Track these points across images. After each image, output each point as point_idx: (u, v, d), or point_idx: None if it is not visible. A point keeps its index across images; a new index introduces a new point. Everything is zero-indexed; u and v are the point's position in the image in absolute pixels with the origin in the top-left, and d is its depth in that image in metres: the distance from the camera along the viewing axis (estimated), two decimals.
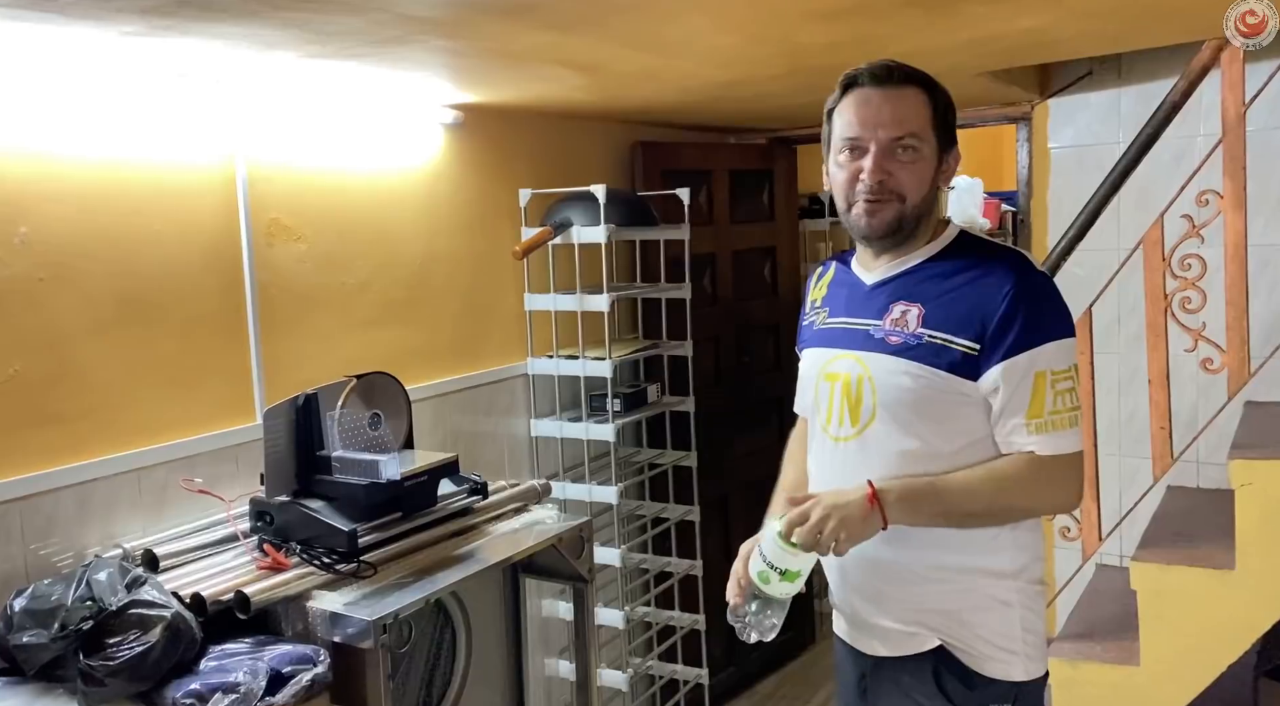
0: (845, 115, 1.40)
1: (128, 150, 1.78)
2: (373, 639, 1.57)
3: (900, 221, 1.39)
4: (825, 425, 1.46)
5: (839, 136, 1.41)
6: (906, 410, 1.37)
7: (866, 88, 1.38)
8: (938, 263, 1.41)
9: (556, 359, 2.72)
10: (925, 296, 1.39)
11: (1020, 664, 1.41)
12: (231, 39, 1.50)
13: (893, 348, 1.37)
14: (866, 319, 1.43)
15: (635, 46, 1.75)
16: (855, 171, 1.38)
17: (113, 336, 1.76)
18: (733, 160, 3.48)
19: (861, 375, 1.40)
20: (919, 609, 1.41)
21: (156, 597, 1.48)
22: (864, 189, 1.38)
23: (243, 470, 1.94)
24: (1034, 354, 1.32)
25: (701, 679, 2.99)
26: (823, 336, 1.50)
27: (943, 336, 1.35)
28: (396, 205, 2.35)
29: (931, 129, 1.39)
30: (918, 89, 1.38)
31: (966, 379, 1.34)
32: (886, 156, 1.36)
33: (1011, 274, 1.35)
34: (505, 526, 2.03)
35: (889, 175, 1.36)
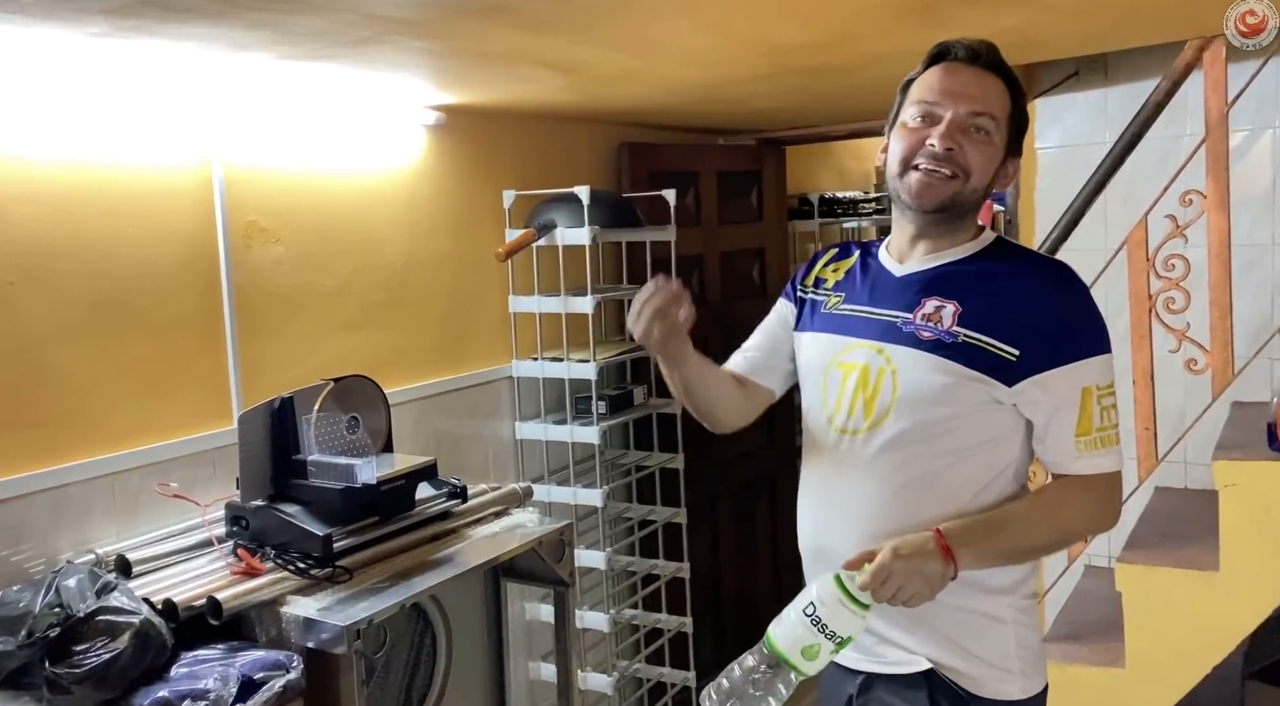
0: (927, 82, 1.34)
1: (103, 152, 1.77)
2: (346, 644, 1.56)
3: (955, 200, 1.32)
4: (832, 416, 1.39)
5: (914, 99, 1.35)
6: (928, 407, 1.31)
7: (957, 62, 1.34)
8: (976, 262, 1.36)
9: (541, 361, 2.71)
10: (963, 295, 1.33)
11: (1016, 682, 1.36)
12: (201, 40, 1.48)
13: (925, 343, 1.31)
14: (893, 310, 1.36)
15: (612, 47, 1.74)
16: (922, 136, 1.32)
17: (87, 340, 1.75)
18: (721, 161, 3.47)
19: (883, 368, 1.33)
20: (911, 627, 1.35)
21: (125, 604, 1.47)
22: (928, 154, 1.31)
23: (220, 474, 1.92)
24: (1079, 367, 1.28)
25: (689, 682, 2.98)
26: (835, 322, 1.43)
27: (980, 338, 1.29)
28: (378, 206, 2.33)
29: (1006, 122, 1.34)
30: (1003, 82, 1.35)
31: (1001, 383, 1.29)
32: (960, 129, 1.31)
33: (1056, 283, 1.32)
34: (485, 530, 2.02)
35: (958, 147, 1.30)
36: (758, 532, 3.71)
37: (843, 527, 1.39)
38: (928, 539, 1.25)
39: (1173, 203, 2.25)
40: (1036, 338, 1.28)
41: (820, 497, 1.44)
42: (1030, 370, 1.28)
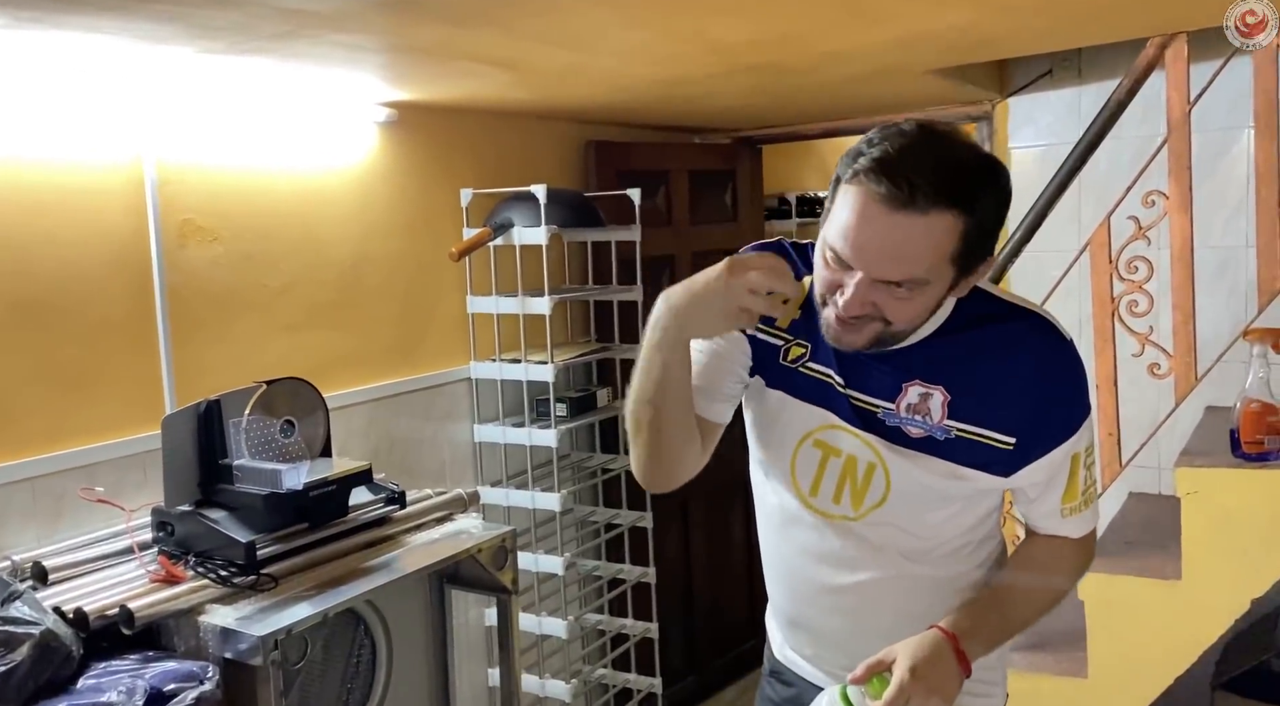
0: (841, 216, 1.08)
1: (27, 149, 1.73)
2: (262, 655, 1.52)
3: (880, 337, 1.14)
4: (808, 496, 1.27)
5: (827, 234, 1.11)
6: (924, 506, 1.24)
7: (877, 194, 1.04)
8: (953, 334, 1.19)
9: (499, 362, 2.67)
10: (946, 378, 1.18)
11: (999, 695, 1.38)
12: (111, 33, 1.44)
13: (915, 441, 1.20)
14: (872, 397, 1.21)
15: (543, 41, 1.69)
16: (835, 284, 1.11)
17: (7, 341, 1.71)
18: (692, 160, 3.43)
19: (874, 463, 1.22)
20: None
21: (27, 614, 1.42)
22: (839, 313, 1.12)
23: (151, 479, 1.88)
24: (1073, 441, 1.21)
25: (655, 688, 2.93)
26: (806, 388, 1.24)
27: (973, 430, 1.18)
28: (326, 205, 2.29)
29: (950, 261, 1.08)
30: (949, 212, 1.05)
31: (998, 476, 1.21)
32: (873, 289, 1.08)
33: (1040, 348, 1.18)
34: (424, 536, 1.97)
35: (872, 305, 1.10)
36: (732, 537, 3.66)
37: (824, 609, 1.33)
38: (943, 647, 1.14)
39: (1136, 204, 2.19)
40: (1031, 421, 1.18)
41: (800, 576, 1.34)
42: (1027, 458, 1.20)
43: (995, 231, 1.12)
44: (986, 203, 1.08)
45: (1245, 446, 2.06)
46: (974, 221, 1.07)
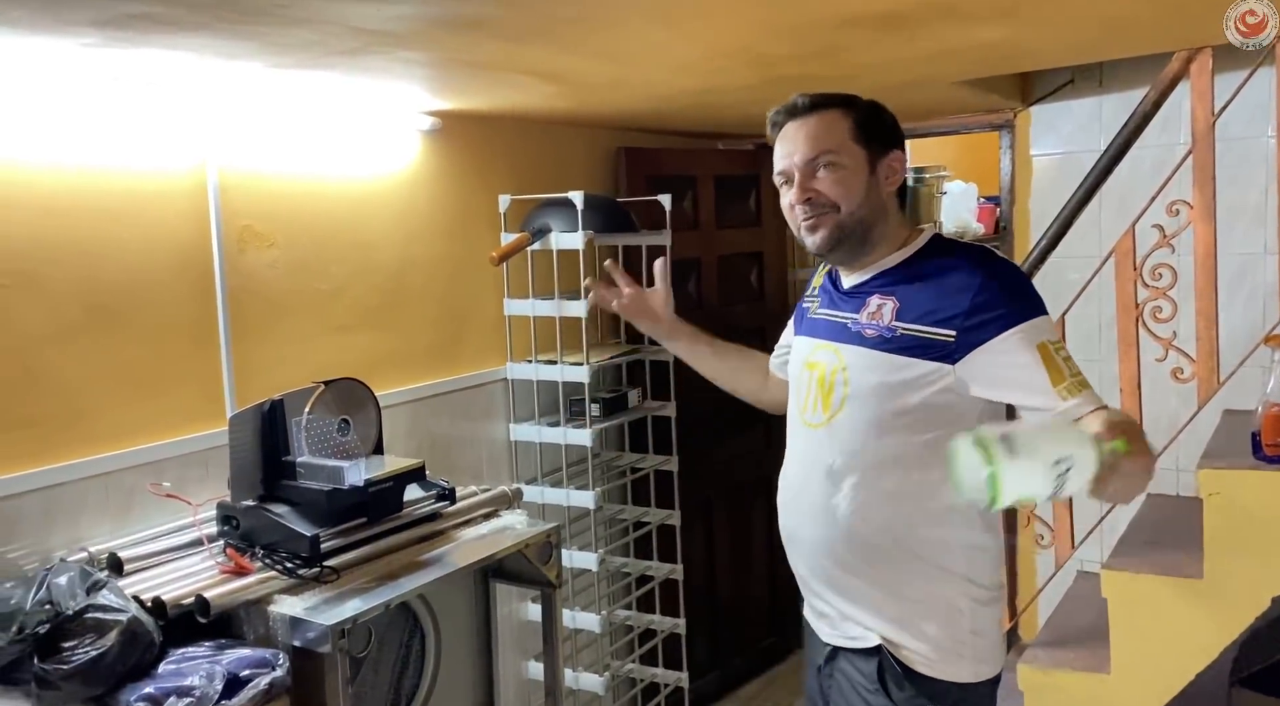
0: (776, 153, 1.51)
1: (98, 157, 1.80)
2: (331, 643, 1.59)
3: (841, 231, 1.46)
4: (801, 411, 1.54)
5: (774, 174, 1.53)
6: (875, 401, 1.42)
7: (784, 123, 1.50)
8: (911, 264, 1.48)
9: (535, 364, 2.74)
10: (900, 292, 1.45)
11: (967, 666, 1.45)
12: (192, 49, 1.51)
13: (869, 340, 1.44)
14: (845, 312, 1.51)
15: (597, 57, 1.77)
16: (789, 201, 1.49)
17: (80, 342, 1.79)
18: (718, 166, 3.49)
19: (836, 366, 1.48)
20: (866, 604, 1.47)
21: (114, 602, 1.50)
22: (799, 213, 1.48)
23: (212, 474, 1.96)
24: (1020, 330, 1.34)
25: (682, 682, 3.00)
26: (810, 326, 1.59)
27: (916, 328, 1.40)
28: (373, 211, 2.37)
29: (853, 141, 1.46)
30: (831, 110, 1.47)
31: (944, 363, 1.37)
32: (808, 177, 1.46)
33: (977, 264, 1.41)
34: (473, 532, 2.05)
35: (815, 192, 1.46)
36: (753, 535, 3.73)
37: (804, 516, 1.53)
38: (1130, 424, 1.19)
39: (1160, 212, 2.26)
40: (967, 315, 1.36)
41: (787, 486, 1.59)
42: (970, 344, 1.35)
43: (885, 127, 1.50)
44: (860, 105, 1.49)
45: (1267, 449, 2.12)
46: (857, 114, 1.48)
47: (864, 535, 1.45)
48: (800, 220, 1.49)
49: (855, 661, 1.48)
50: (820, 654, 1.56)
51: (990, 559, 1.47)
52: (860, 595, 1.47)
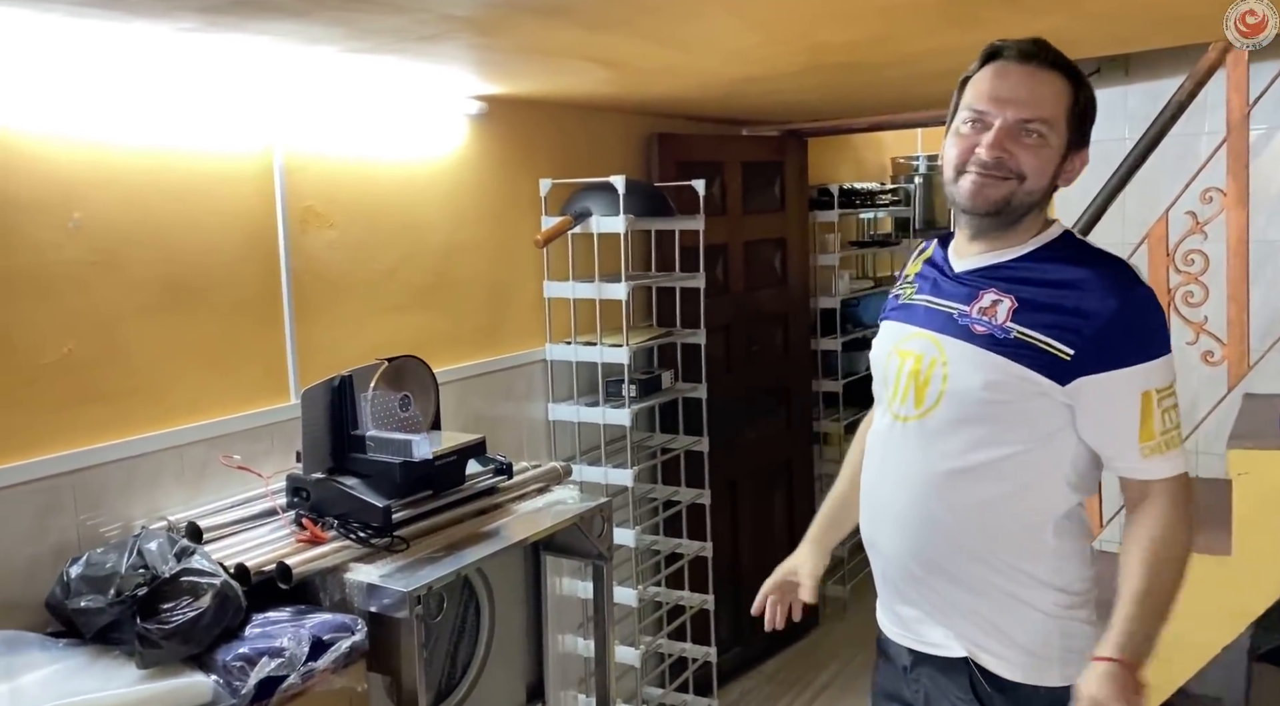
0: (979, 86, 1.34)
1: (174, 140, 1.85)
2: (407, 609, 1.65)
3: (1010, 201, 1.32)
4: (890, 401, 1.43)
5: (966, 105, 1.35)
6: (975, 402, 1.32)
7: (1008, 62, 1.33)
8: (1037, 260, 1.35)
9: (574, 345, 2.80)
10: (1020, 291, 1.33)
11: (1057, 670, 1.37)
12: (280, 34, 1.56)
13: (977, 338, 1.33)
14: (952, 302, 1.38)
15: (661, 43, 1.82)
16: (973, 143, 1.32)
17: (157, 319, 1.84)
18: (745, 152, 3.55)
19: (935, 358, 1.36)
20: (950, 610, 1.40)
21: (205, 567, 1.56)
22: (978, 161, 1.31)
23: (277, 448, 2.01)
24: (1137, 372, 1.26)
25: (710, 657, 3.08)
26: (903, 312, 1.47)
27: (1033, 334, 1.29)
28: (423, 194, 2.42)
29: (1065, 120, 1.32)
30: (1061, 76, 1.33)
31: (1053, 381, 1.28)
32: (1010, 135, 1.30)
33: (1117, 283, 1.29)
34: (528, 505, 2.11)
35: (1009, 154, 1.30)
36: (775, 516, 3.81)
37: (887, 516, 1.45)
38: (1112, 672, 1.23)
39: (1192, 199, 2.32)
40: (1093, 339, 1.27)
41: (870, 483, 1.49)
42: (1085, 369, 1.27)
43: (1089, 122, 1.36)
44: (1087, 91, 1.35)
45: None
46: (1081, 95, 1.34)
47: (949, 540, 1.37)
48: (974, 170, 1.32)
49: (944, 670, 1.41)
50: (901, 656, 1.49)
51: (1079, 564, 1.39)
52: (944, 600, 1.39)
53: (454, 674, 2.10)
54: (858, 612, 4.04)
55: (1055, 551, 1.36)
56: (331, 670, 1.57)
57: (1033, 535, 1.36)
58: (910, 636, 1.46)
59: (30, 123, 1.63)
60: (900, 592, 1.46)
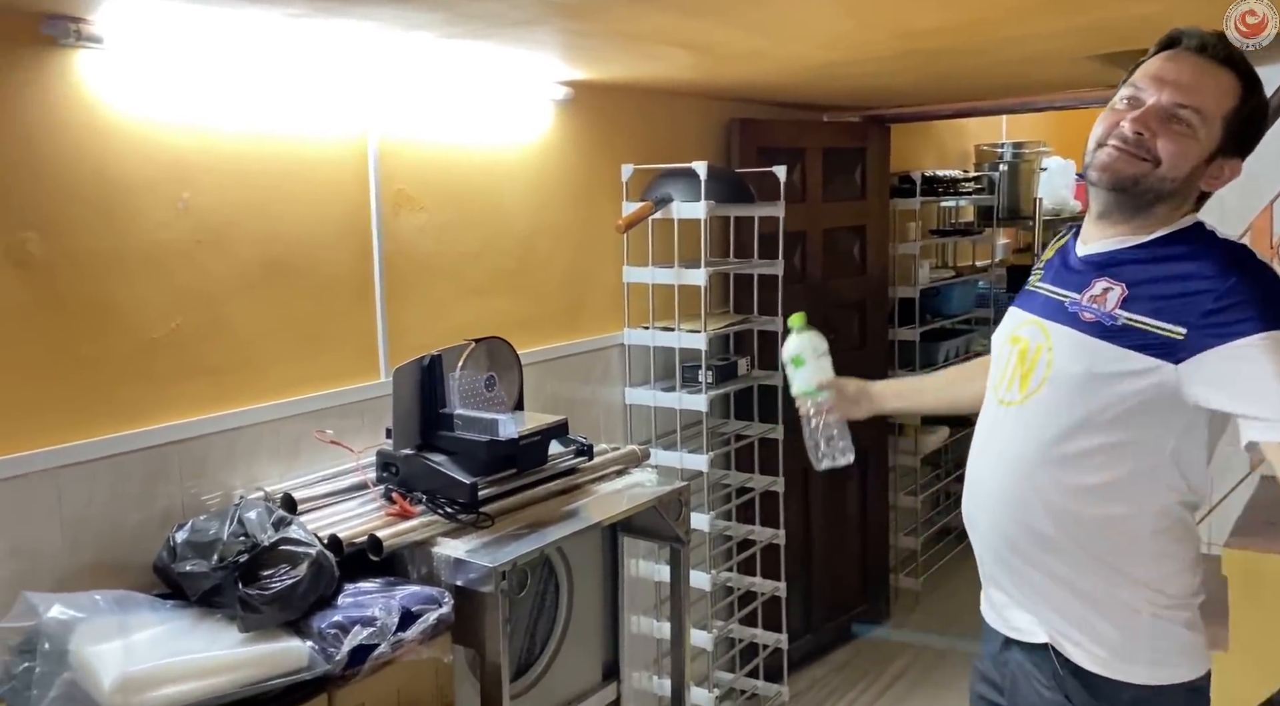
0: (1146, 68, 1.33)
1: (276, 124, 1.91)
2: (493, 584, 1.69)
3: (1138, 182, 1.30)
4: (995, 386, 1.45)
5: (1128, 83, 1.34)
6: (1076, 389, 1.32)
7: (1183, 50, 1.32)
8: (1157, 247, 1.33)
9: (652, 330, 2.81)
10: (1131, 278, 1.31)
11: (1144, 669, 1.34)
12: (383, 20, 1.60)
13: (1084, 324, 1.33)
14: (1066, 290, 1.39)
15: (750, 29, 1.81)
16: (1120, 118, 1.31)
17: (258, 297, 1.91)
18: (826, 138, 3.51)
19: (1042, 344, 1.37)
20: (1039, 596, 1.39)
21: (302, 537, 1.62)
22: (1119, 135, 1.30)
23: (367, 424, 2.07)
24: (1274, 337, 1.20)
25: (781, 643, 3.08)
26: (1025, 299, 1.48)
27: (1141, 319, 1.27)
28: (508, 178, 2.45)
29: (1221, 120, 1.28)
30: (1233, 76, 1.29)
31: (1165, 362, 1.25)
32: (1157, 117, 1.28)
33: (1229, 260, 1.25)
34: (607, 487, 2.14)
35: (1150, 134, 1.28)
36: (848, 506, 3.78)
37: (984, 499, 1.45)
38: None
39: None
40: (1208, 313, 1.23)
41: (972, 465, 1.50)
42: (1203, 344, 1.23)
43: (1255, 134, 1.32)
44: (1257, 99, 1.31)
45: None
46: (1248, 101, 1.30)
47: (1044, 526, 1.36)
48: (1112, 142, 1.31)
49: (1029, 655, 1.41)
50: (995, 640, 1.50)
51: (1181, 568, 1.36)
52: (1031, 586, 1.40)
53: (533, 649, 2.14)
54: (930, 606, 4.00)
55: (1154, 550, 1.33)
56: (419, 640, 1.62)
57: (1128, 530, 1.34)
58: (1000, 620, 1.47)
59: (144, 107, 1.71)
60: (992, 575, 1.47)
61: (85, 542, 1.65)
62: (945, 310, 4.16)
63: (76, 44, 1.57)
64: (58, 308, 1.62)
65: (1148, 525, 1.33)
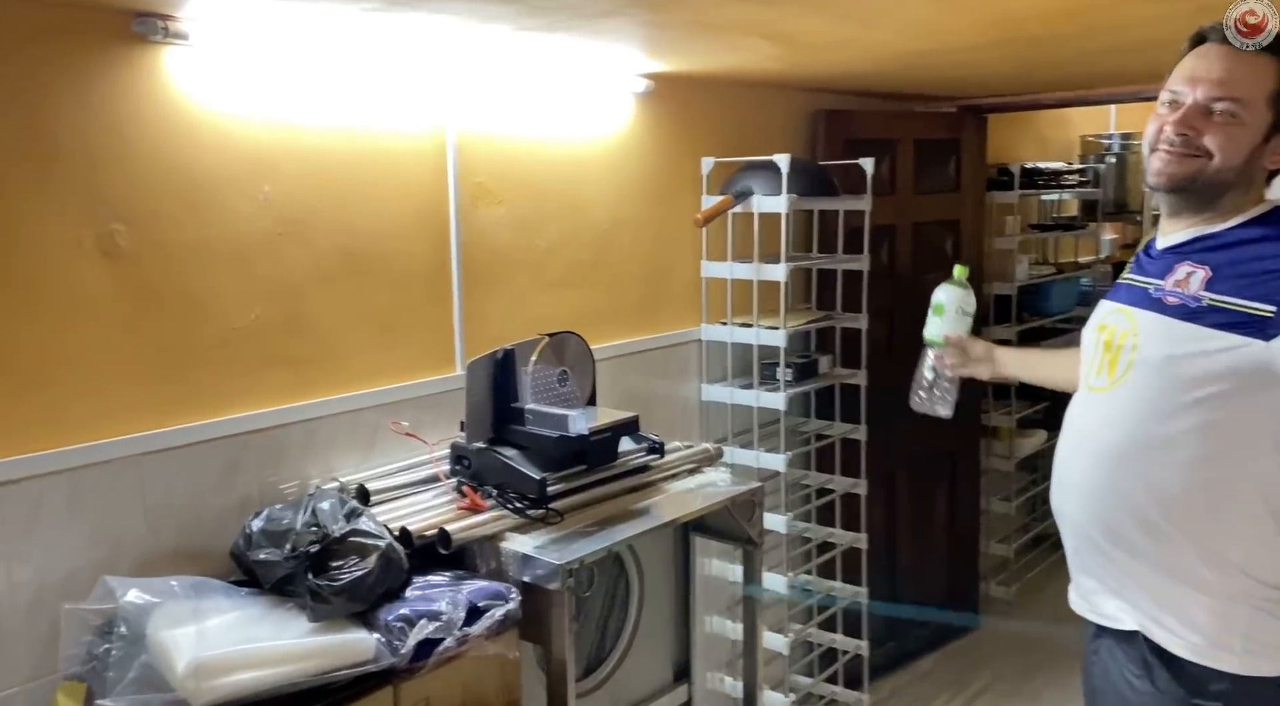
0: (1180, 68, 1.39)
1: (356, 119, 1.93)
2: (559, 581, 1.68)
3: (1196, 178, 1.35)
4: (1086, 374, 1.49)
5: (1166, 87, 1.40)
6: (1163, 373, 1.34)
7: (1212, 44, 1.36)
8: (1235, 232, 1.36)
9: (730, 326, 2.76)
10: (1215, 261, 1.34)
11: (1236, 659, 1.33)
12: (457, 13, 1.59)
13: (1169, 309, 1.36)
14: (1150, 277, 1.43)
15: (835, 17, 1.75)
16: (1165, 122, 1.37)
17: (336, 289, 1.93)
18: (918, 129, 3.39)
19: (1128, 330, 1.40)
20: (1129, 583, 1.40)
21: (372, 528, 1.63)
22: (1165, 139, 1.36)
23: (442, 417, 2.08)
24: None
25: (860, 650, 3.00)
26: (1114, 290, 1.53)
27: (1227, 300, 1.30)
28: (586, 172, 2.43)
29: (1266, 101, 1.33)
30: (1268, 57, 1.33)
31: (1253, 339, 1.26)
32: (1198, 114, 1.34)
33: None
34: (680, 485, 2.10)
35: (1195, 132, 1.34)
36: (936, 510, 3.66)
37: (1073, 485, 1.47)
38: None
39: None
40: None
41: (1062, 453, 1.52)
42: None
43: None
44: None
45: None
46: None
47: (1131, 511, 1.38)
48: (1161, 147, 1.37)
49: (1118, 643, 1.43)
50: (1089, 630, 1.53)
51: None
52: (1121, 572, 1.41)
53: (603, 647, 2.13)
54: (1022, 616, 3.85)
55: (1247, 534, 1.32)
56: (485, 636, 1.62)
57: (1223, 513, 1.32)
58: (1089, 608, 1.49)
59: (228, 102, 1.74)
60: (1082, 563, 1.49)
61: (167, 528, 1.70)
62: (1045, 308, 3.99)
63: (164, 41, 1.61)
64: (144, 298, 1.66)
65: (1247, 509, 1.32)
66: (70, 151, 1.56)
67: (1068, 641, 1.67)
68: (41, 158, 1.54)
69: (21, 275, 1.53)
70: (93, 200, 1.59)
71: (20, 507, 1.54)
